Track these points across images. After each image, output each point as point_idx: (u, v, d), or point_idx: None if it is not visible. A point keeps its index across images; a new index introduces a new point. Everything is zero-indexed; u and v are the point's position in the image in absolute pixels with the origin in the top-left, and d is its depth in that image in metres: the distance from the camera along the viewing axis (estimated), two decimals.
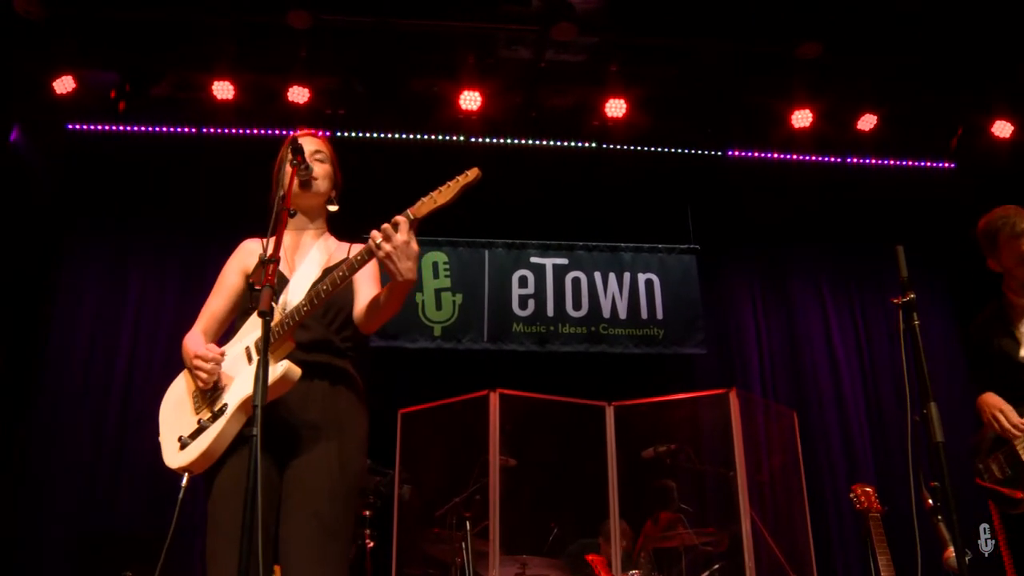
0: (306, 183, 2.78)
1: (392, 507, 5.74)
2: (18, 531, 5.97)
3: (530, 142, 7.04)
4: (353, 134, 6.80)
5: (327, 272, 2.63)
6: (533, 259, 7.33)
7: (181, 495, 2.43)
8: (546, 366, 6.97)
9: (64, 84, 5.96)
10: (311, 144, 2.88)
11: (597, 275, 7.29)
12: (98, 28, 5.88)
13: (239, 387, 2.52)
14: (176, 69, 6.28)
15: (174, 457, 2.56)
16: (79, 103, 6.12)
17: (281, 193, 2.60)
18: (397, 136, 6.89)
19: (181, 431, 2.57)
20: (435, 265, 7.22)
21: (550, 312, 7.14)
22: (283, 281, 2.70)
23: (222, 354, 2.62)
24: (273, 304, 2.46)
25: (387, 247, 2.36)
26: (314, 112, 6.51)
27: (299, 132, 2.90)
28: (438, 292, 7.14)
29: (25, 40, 5.80)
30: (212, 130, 6.52)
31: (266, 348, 2.16)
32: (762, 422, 6.25)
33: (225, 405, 2.51)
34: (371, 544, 5.21)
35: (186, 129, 6.56)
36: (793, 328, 7.41)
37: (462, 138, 6.91)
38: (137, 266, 6.78)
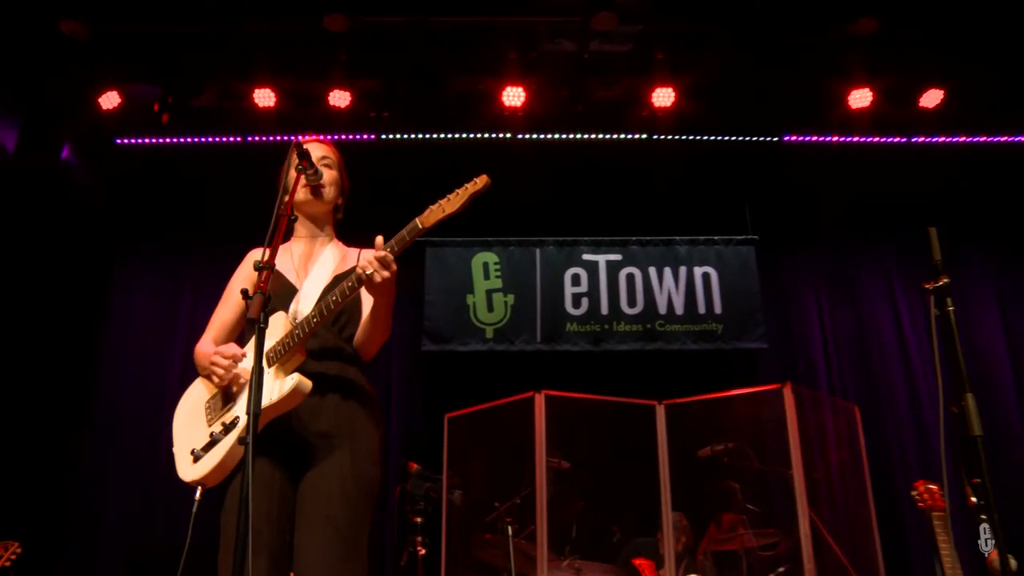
0: (316, 190, 2.80)
1: (442, 513, 5.76)
2: (72, 545, 6.13)
3: (578, 136, 6.99)
4: (397, 136, 6.86)
5: (338, 279, 2.66)
6: (585, 256, 7.26)
7: (195, 508, 2.45)
8: (601, 366, 6.90)
9: (110, 100, 6.14)
10: (318, 150, 2.89)
11: (652, 270, 7.20)
12: (139, 43, 6.04)
13: None
14: (217, 79, 6.40)
15: (187, 470, 2.58)
16: (125, 118, 6.28)
17: (286, 198, 2.65)
18: (441, 136, 6.92)
19: (194, 443, 2.60)
20: (486, 266, 7.22)
21: (604, 310, 7.07)
22: (293, 290, 2.73)
23: (243, 354, 2.64)
24: (284, 313, 2.61)
25: (383, 274, 2.42)
26: (356, 116, 6.58)
27: (304, 138, 2.88)
28: (489, 293, 7.14)
29: (72, 60, 5.98)
30: (256, 138, 6.63)
31: (259, 354, 2.18)
32: (829, 418, 6.09)
33: (237, 418, 2.53)
34: (423, 551, 5.24)
35: (230, 138, 6.68)
36: (860, 319, 7.17)
37: (508, 135, 6.88)
38: (188, 278, 6.92)
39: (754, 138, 6.96)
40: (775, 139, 6.95)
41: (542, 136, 6.94)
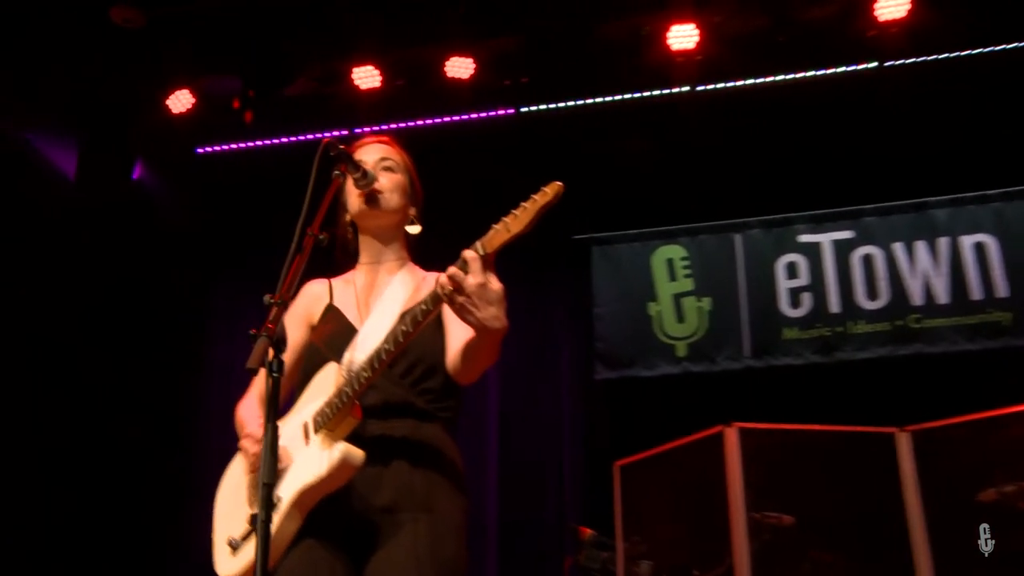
0: (371, 197, 2.55)
1: None
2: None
3: (779, 78, 6.08)
4: (540, 107, 6.26)
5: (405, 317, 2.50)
6: (802, 237, 6.45)
7: None
8: (836, 381, 6.07)
9: (180, 101, 5.79)
10: (377, 152, 2.69)
11: (898, 247, 6.24)
12: (207, 27, 5.68)
13: (294, 476, 2.34)
14: (307, 61, 5.97)
15: (224, 564, 2.47)
16: (202, 121, 5.95)
17: (346, 216, 2.60)
18: (594, 101, 6.20)
19: (232, 530, 2.48)
20: (670, 263, 6.57)
21: (835, 307, 6.25)
22: (351, 332, 2.54)
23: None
24: (337, 364, 2.49)
25: (460, 299, 2.16)
26: (484, 88, 6.08)
27: (364, 141, 2.71)
28: (677, 298, 6.51)
29: (129, 56, 5.66)
30: (364, 129, 6.04)
31: (271, 407, 2.05)
32: None
33: (279, 499, 2.37)
34: None
35: (331, 133, 6.02)
36: None
37: (683, 88, 6.06)
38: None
39: None
40: None
41: (727, 84, 6.12)
